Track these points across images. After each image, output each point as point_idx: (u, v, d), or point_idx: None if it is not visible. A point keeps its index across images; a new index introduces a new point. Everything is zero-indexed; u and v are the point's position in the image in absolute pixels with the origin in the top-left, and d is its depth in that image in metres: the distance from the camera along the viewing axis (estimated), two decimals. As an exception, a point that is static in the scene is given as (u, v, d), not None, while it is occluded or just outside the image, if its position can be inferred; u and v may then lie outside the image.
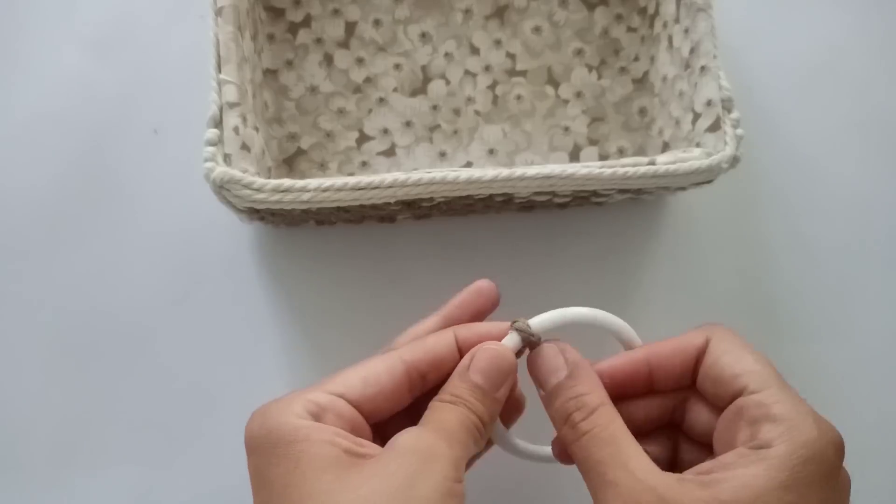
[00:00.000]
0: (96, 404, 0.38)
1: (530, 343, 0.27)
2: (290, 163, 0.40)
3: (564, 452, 0.26)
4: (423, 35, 0.41)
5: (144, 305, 0.39)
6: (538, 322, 0.27)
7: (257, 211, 0.32)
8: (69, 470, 0.37)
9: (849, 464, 0.37)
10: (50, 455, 0.37)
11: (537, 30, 0.42)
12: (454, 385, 0.26)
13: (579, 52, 0.41)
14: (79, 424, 0.37)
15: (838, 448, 0.23)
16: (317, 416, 0.24)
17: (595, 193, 0.34)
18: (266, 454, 0.23)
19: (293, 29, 0.41)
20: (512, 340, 0.27)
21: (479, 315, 0.29)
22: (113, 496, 0.37)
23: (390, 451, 0.23)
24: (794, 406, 0.23)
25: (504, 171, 0.31)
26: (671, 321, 0.39)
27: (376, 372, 0.26)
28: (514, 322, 0.27)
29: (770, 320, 0.39)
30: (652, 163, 0.32)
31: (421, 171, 0.31)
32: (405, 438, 0.24)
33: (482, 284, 0.29)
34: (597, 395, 0.25)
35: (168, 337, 0.38)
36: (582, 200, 0.37)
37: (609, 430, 0.24)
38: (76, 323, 0.38)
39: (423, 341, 0.27)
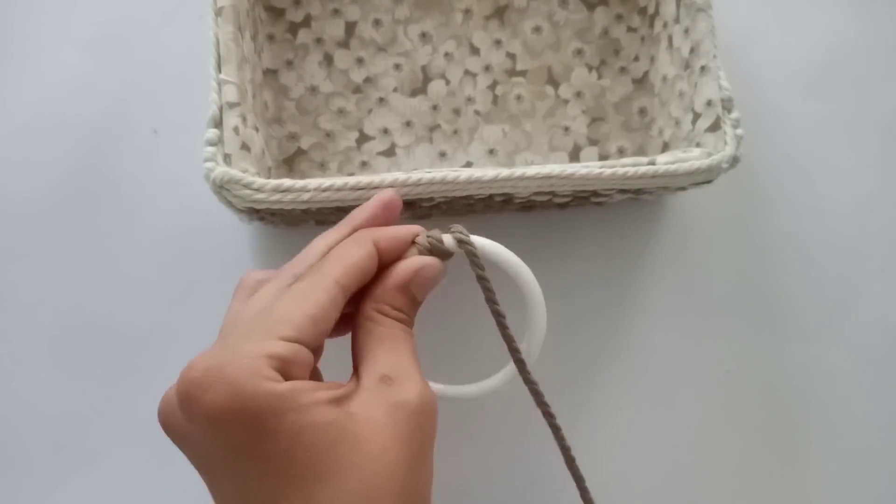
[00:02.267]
0: (96, 404, 0.38)
1: (441, 254, 0.28)
2: (290, 163, 0.40)
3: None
4: (423, 35, 0.41)
5: (144, 305, 0.39)
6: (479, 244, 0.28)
7: (257, 211, 0.32)
8: (69, 470, 0.37)
9: (849, 464, 0.38)
10: (50, 455, 0.37)
11: (537, 30, 0.42)
12: (396, 297, 0.26)
13: (579, 52, 0.41)
14: (79, 424, 0.37)
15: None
16: (285, 374, 0.22)
17: (595, 193, 0.34)
18: (249, 430, 0.21)
19: (293, 29, 0.41)
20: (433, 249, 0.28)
21: (386, 225, 0.29)
22: (113, 496, 0.37)
23: (398, 412, 0.23)
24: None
25: (504, 171, 0.31)
26: (671, 321, 0.39)
27: (322, 307, 0.24)
28: (456, 235, 0.28)
29: (769, 320, 0.39)
30: (652, 163, 0.32)
31: (421, 171, 0.31)
32: (410, 400, 0.23)
33: (389, 197, 0.29)
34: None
35: (168, 336, 0.38)
36: (582, 200, 0.37)
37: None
38: (76, 322, 0.38)
39: (349, 257, 0.26)
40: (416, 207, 0.35)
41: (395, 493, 0.22)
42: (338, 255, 0.26)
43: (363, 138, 0.40)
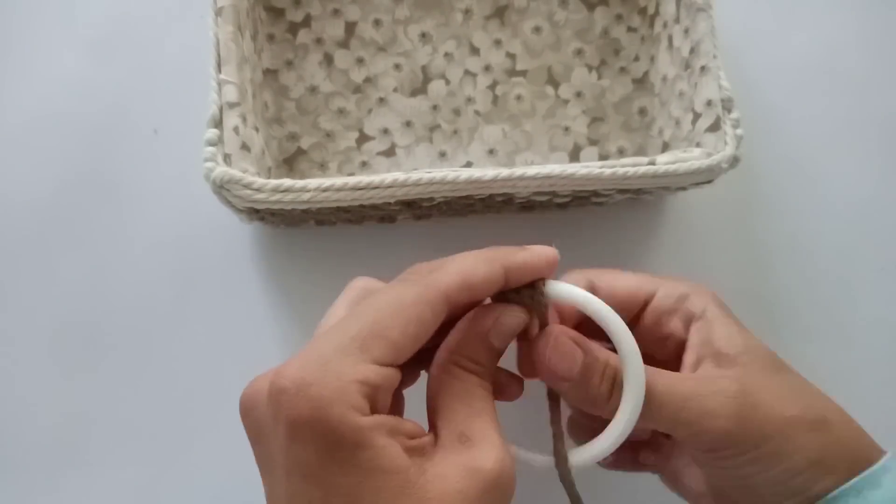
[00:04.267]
0: (96, 404, 0.38)
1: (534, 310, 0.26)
2: (290, 163, 0.40)
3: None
4: (423, 35, 0.41)
5: (144, 305, 0.39)
6: (559, 294, 0.26)
7: (257, 211, 0.32)
8: (69, 470, 0.37)
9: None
10: (50, 455, 0.37)
11: (537, 30, 0.42)
12: (475, 349, 0.25)
13: (579, 52, 0.41)
14: (79, 424, 0.37)
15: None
16: (371, 400, 0.22)
17: (595, 193, 0.34)
18: (324, 454, 0.21)
19: (293, 29, 0.41)
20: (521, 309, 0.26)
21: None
22: (113, 496, 0.37)
23: (470, 477, 0.22)
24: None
25: (504, 171, 0.31)
26: (671, 321, 0.39)
27: (426, 324, 0.23)
28: (538, 289, 0.26)
29: (770, 320, 0.39)
30: (652, 163, 0.32)
31: (421, 171, 0.31)
32: (486, 466, 0.22)
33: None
34: (605, 386, 0.26)
35: (168, 336, 0.38)
36: (582, 200, 0.37)
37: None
38: (76, 322, 0.38)
39: (472, 274, 0.24)
40: (416, 207, 0.35)
41: None
42: (459, 267, 0.24)
43: (363, 138, 0.40)
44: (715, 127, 0.33)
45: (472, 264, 0.25)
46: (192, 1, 0.42)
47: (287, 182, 0.30)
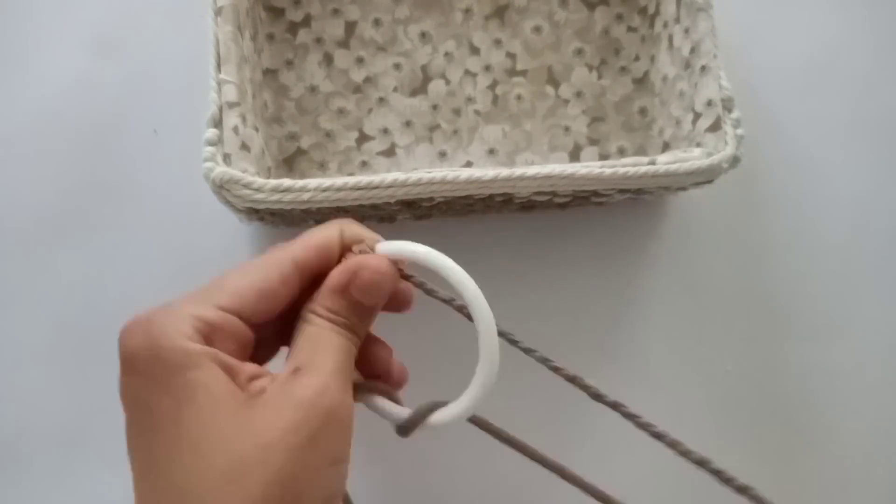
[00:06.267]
0: (97, 404, 0.38)
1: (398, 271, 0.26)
2: (290, 163, 0.40)
3: None
4: (423, 35, 0.41)
5: (144, 305, 0.38)
6: (387, 249, 0.26)
7: (257, 211, 0.32)
8: (69, 470, 0.37)
9: (849, 463, 0.38)
10: (50, 455, 0.37)
11: (537, 30, 0.42)
12: (332, 300, 0.25)
13: (579, 52, 0.41)
14: (79, 424, 0.37)
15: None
16: (207, 338, 0.22)
17: (595, 193, 0.34)
18: (151, 379, 0.22)
19: (293, 29, 0.41)
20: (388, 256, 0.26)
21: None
22: (113, 496, 0.37)
23: (290, 400, 0.22)
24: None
25: (504, 171, 0.31)
26: (671, 321, 0.39)
27: (271, 280, 0.24)
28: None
29: (770, 320, 0.39)
30: (652, 163, 0.32)
31: (421, 171, 0.31)
32: (306, 392, 0.22)
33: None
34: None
35: (168, 337, 0.38)
36: (582, 200, 0.37)
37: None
38: (77, 322, 0.38)
39: (311, 237, 0.25)
40: (416, 207, 0.35)
41: (264, 480, 0.20)
42: (302, 237, 0.26)
43: (363, 138, 0.40)
44: (715, 127, 0.33)
45: (311, 231, 0.26)
46: (192, 1, 0.42)
47: (287, 182, 0.30)
